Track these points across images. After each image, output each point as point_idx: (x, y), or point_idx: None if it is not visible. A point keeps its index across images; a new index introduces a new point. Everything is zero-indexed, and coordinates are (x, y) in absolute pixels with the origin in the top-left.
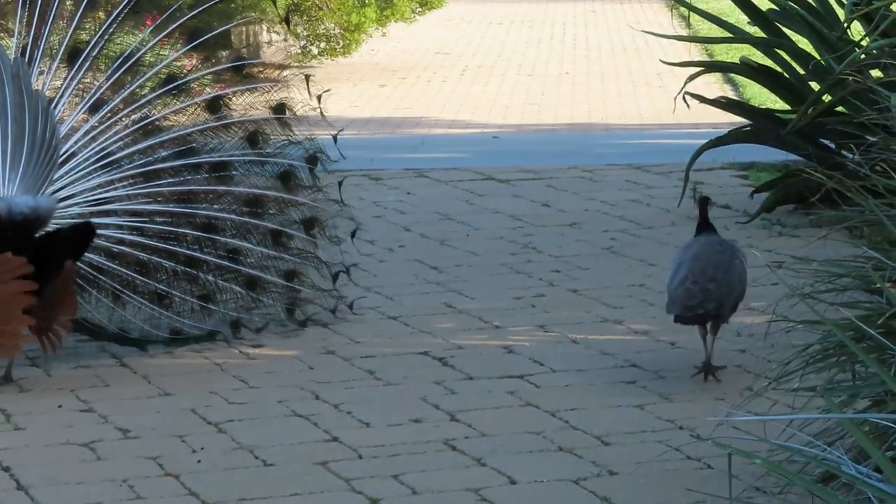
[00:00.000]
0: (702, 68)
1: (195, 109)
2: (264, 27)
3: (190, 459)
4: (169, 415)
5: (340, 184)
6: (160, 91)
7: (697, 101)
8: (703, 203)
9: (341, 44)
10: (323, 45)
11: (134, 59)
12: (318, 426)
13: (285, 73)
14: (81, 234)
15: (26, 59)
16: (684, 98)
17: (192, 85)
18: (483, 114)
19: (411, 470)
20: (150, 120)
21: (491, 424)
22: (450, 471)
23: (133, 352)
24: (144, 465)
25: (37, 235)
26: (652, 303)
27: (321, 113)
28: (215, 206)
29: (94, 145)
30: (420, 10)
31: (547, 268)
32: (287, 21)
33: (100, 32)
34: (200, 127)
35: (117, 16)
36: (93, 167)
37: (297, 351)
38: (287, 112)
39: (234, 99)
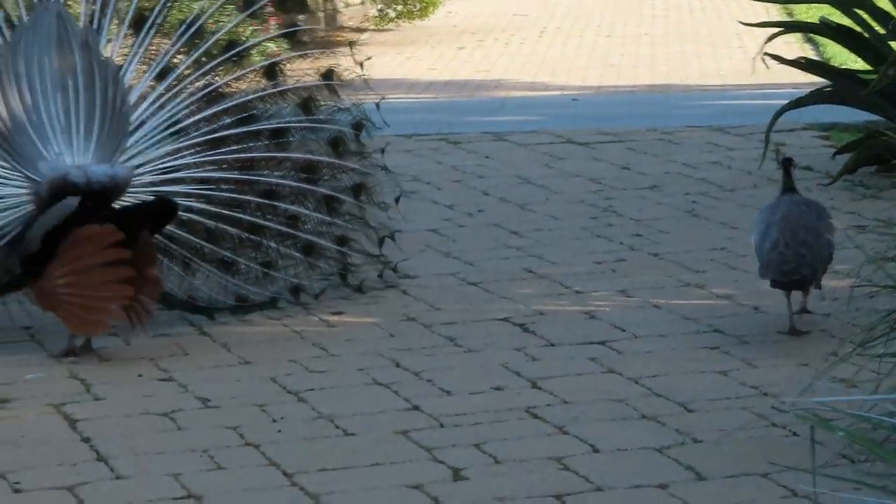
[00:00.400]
0: (780, 29)
1: (254, 76)
2: None
3: (270, 429)
4: (248, 383)
5: (383, 150)
6: (222, 58)
7: (777, 62)
8: (787, 164)
9: (418, 6)
10: (400, 7)
11: (198, 24)
12: (398, 394)
13: (363, 35)
14: (162, 210)
15: (95, 27)
16: (763, 59)
17: (269, 47)
18: (562, 76)
19: (493, 438)
20: (214, 87)
21: (573, 391)
22: (532, 439)
23: (213, 320)
24: (224, 435)
25: (115, 206)
26: (734, 266)
27: (365, 80)
28: (275, 173)
29: (162, 113)
30: None
31: (627, 231)
32: None
33: None
34: (260, 93)
35: None
36: (162, 135)
37: (377, 318)
38: (335, 78)
39: (288, 65)
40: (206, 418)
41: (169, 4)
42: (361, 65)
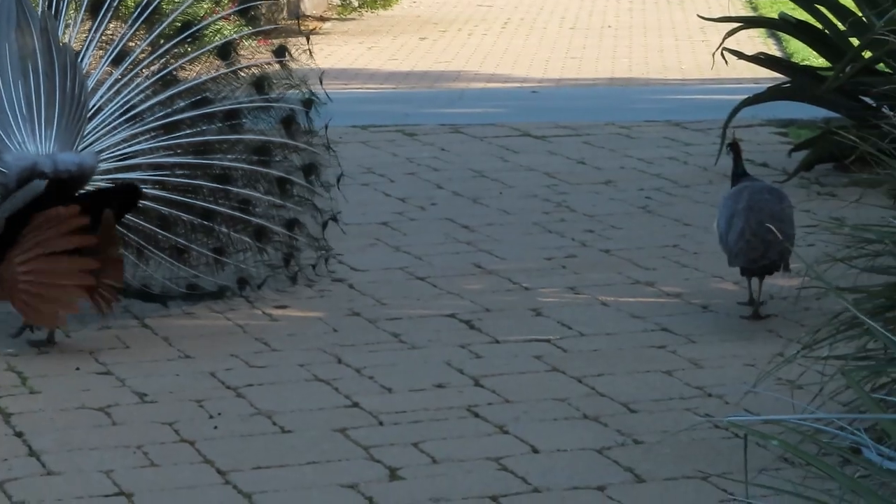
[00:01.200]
0: (740, 24)
1: (208, 57)
2: None
3: (206, 425)
4: (187, 378)
5: (326, 126)
6: (177, 39)
7: (736, 58)
8: (735, 147)
9: None
10: None
11: (154, 5)
12: (338, 391)
13: (326, 25)
14: (127, 195)
15: (53, 12)
16: (723, 54)
17: (225, 27)
18: (523, 68)
19: (432, 437)
20: (168, 70)
21: (515, 390)
22: (471, 438)
23: (156, 313)
24: (160, 431)
25: (77, 193)
26: (685, 264)
27: (310, 53)
28: (228, 156)
29: (118, 98)
30: None
31: (580, 227)
32: None
33: None
34: (214, 74)
35: None
36: (118, 121)
37: (321, 312)
38: (287, 55)
39: (242, 43)
40: (142, 413)
41: None
42: (310, 50)
